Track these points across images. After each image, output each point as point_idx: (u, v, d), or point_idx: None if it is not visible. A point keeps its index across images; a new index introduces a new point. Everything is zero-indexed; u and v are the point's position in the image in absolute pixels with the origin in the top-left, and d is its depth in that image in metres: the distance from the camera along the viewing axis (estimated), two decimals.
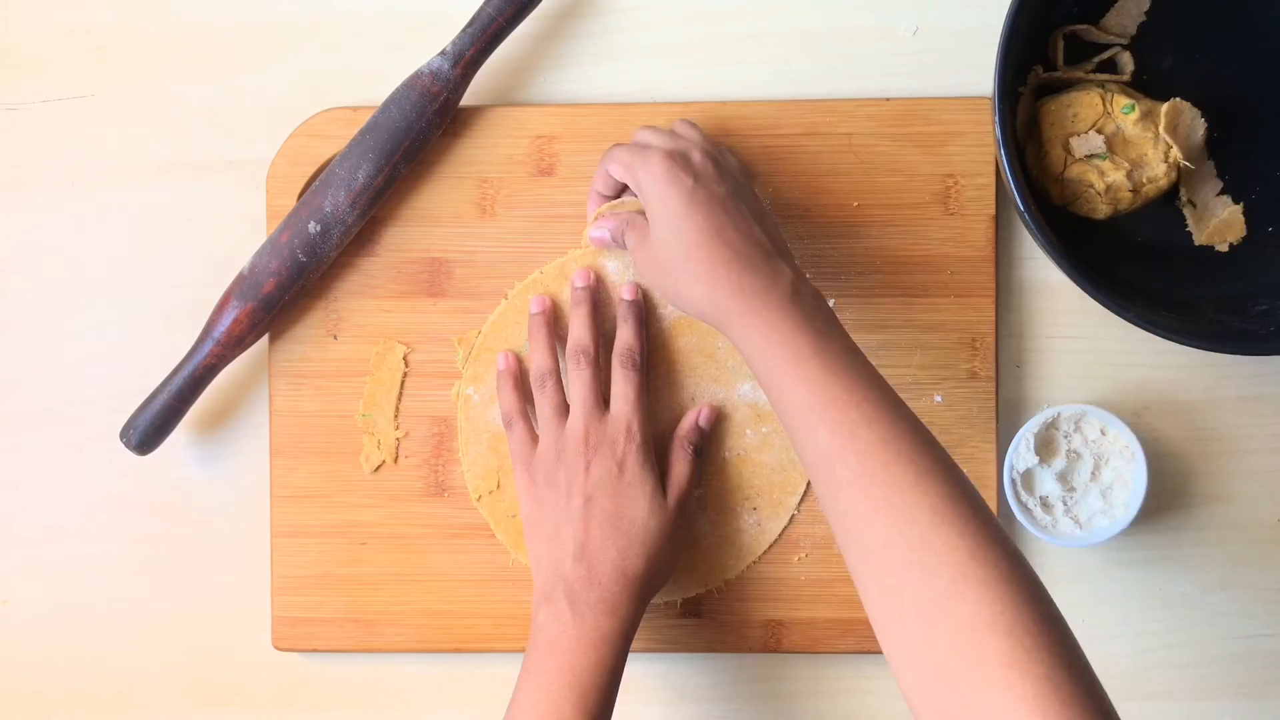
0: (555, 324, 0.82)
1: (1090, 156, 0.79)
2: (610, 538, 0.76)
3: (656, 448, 0.81)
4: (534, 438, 0.80)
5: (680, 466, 0.80)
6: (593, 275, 0.82)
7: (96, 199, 0.87)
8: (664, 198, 0.72)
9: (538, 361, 0.81)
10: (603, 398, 0.80)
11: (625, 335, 0.81)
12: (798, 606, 0.83)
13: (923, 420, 0.83)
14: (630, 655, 0.84)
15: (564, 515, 0.77)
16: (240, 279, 0.82)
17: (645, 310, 0.82)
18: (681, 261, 0.72)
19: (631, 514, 0.77)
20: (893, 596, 0.62)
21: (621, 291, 0.82)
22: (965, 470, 0.82)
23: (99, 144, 0.87)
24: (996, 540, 0.61)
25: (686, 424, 0.82)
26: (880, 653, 0.83)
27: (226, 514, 0.87)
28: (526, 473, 0.80)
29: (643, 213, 0.77)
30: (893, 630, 0.62)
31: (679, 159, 0.73)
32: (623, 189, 0.80)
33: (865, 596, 0.64)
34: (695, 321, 0.83)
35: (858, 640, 0.83)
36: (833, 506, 0.65)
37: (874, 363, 0.81)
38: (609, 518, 0.77)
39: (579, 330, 0.81)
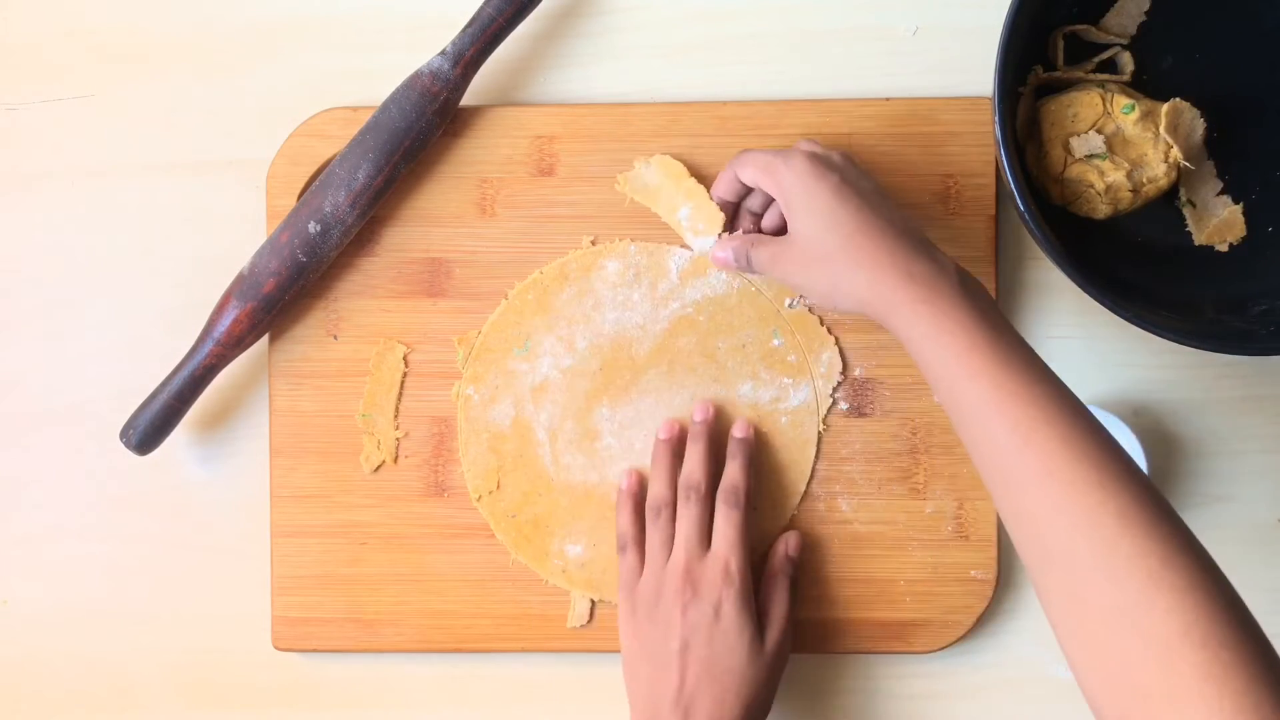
0: (680, 454, 0.82)
1: (1090, 156, 0.79)
2: (706, 686, 0.75)
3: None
4: (642, 566, 0.80)
5: (779, 605, 0.80)
6: (711, 409, 0.82)
7: (96, 199, 0.87)
8: (812, 192, 0.71)
9: (656, 491, 0.81)
10: (708, 534, 0.79)
11: (732, 472, 0.81)
12: (798, 606, 0.83)
13: (924, 420, 0.84)
14: None
15: (661, 655, 0.77)
16: (240, 279, 0.82)
17: (755, 448, 0.82)
18: (840, 252, 0.70)
19: (728, 662, 0.76)
20: (1077, 602, 0.59)
21: (734, 429, 0.82)
22: (965, 470, 0.83)
23: (99, 144, 0.87)
24: (1188, 546, 0.59)
25: (778, 556, 0.82)
26: (880, 652, 0.83)
27: (226, 514, 0.87)
28: (629, 601, 0.80)
29: (757, 230, 0.78)
30: (1077, 635, 0.59)
31: (820, 158, 0.73)
32: (746, 195, 0.79)
33: (1045, 599, 0.61)
34: (695, 321, 0.83)
35: (858, 640, 0.83)
36: (1011, 507, 0.63)
37: (874, 362, 0.82)
38: (705, 665, 0.76)
39: (693, 465, 0.81)
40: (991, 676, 0.85)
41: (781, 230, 0.77)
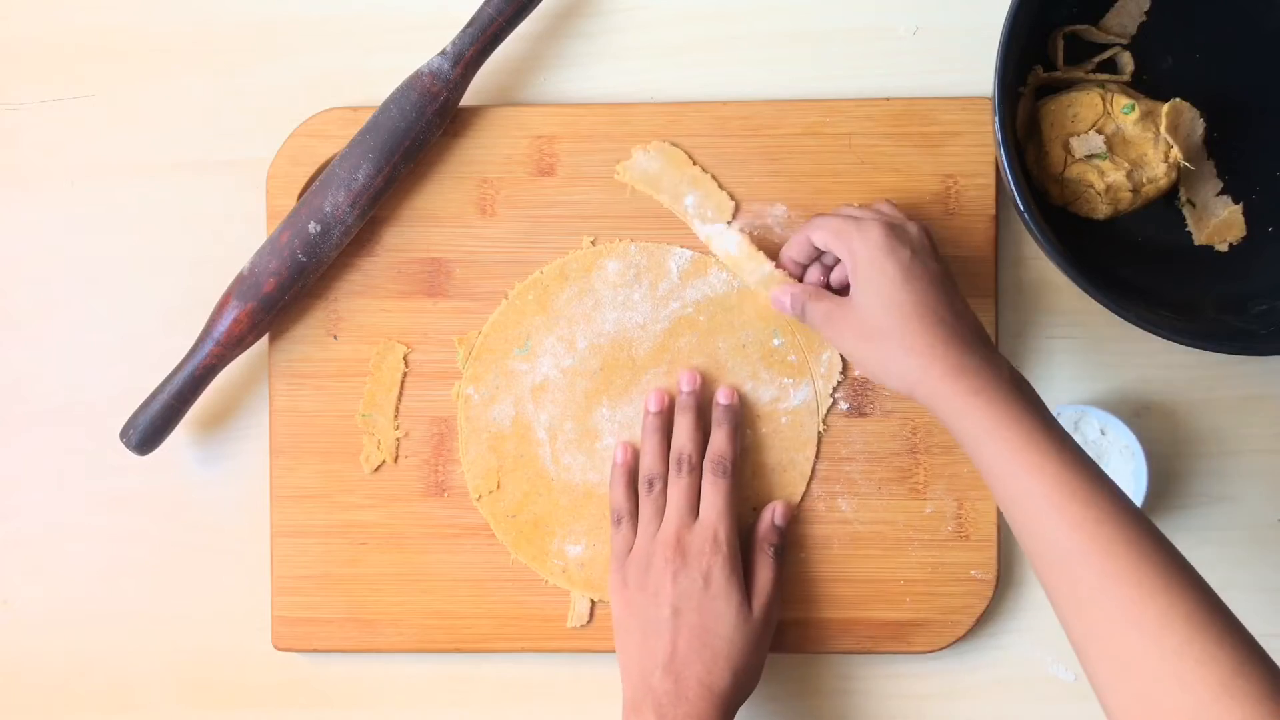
0: (669, 426, 0.82)
1: (1090, 156, 0.79)
2: (696, 652, 0.76)
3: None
4: (634, 538, 0.81)
5: (764, 572, 0.80)
6: (698, 379, 0.82)
7: (96, 199, 0.87)
8: (880, 266, 0.72)
9: (647, 464, 0.82)
10: (698, 503, 0.80)
11: (718, 441, 0.81)
12: (798, 606, 0.83)
13: (924, 420, 0.84)
14: None
15: (652, 624, 0.77)
16: (240, 279, 0.81)
17: (741, 415, 0.83)
18: (895, 333, 0.71)
19: (717, 628, 0.77)
20: (1145, 705, 0.59)
21: (718, 395, 0.82)
22: (965, 470, 0.83)
23: (99, 144, 0.87)
24: (1258, 652, 0.59)
25: (764, 525, 0.82)
26: (880, 652, 0.83)
27: (226, 514, 0.87)
28: (620, 572, 0.80)
29: (828, 286, 0.78)
30: None
31: (896, 230, 0.73)
32: (818, 257, 0.79)
33: (1109, 699, 0.61)
34: (695, 321, 0.83)
35: (857, 640, 0.83)
36: (1071, 606, 0.63)
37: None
38: (695, 632, 0.77)
39: (682, 436, 0.81)
40: (991, 676, 0.85)
41: (845, 290, 0.78)
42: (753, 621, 0.78)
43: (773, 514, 0.82)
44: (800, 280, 0.80)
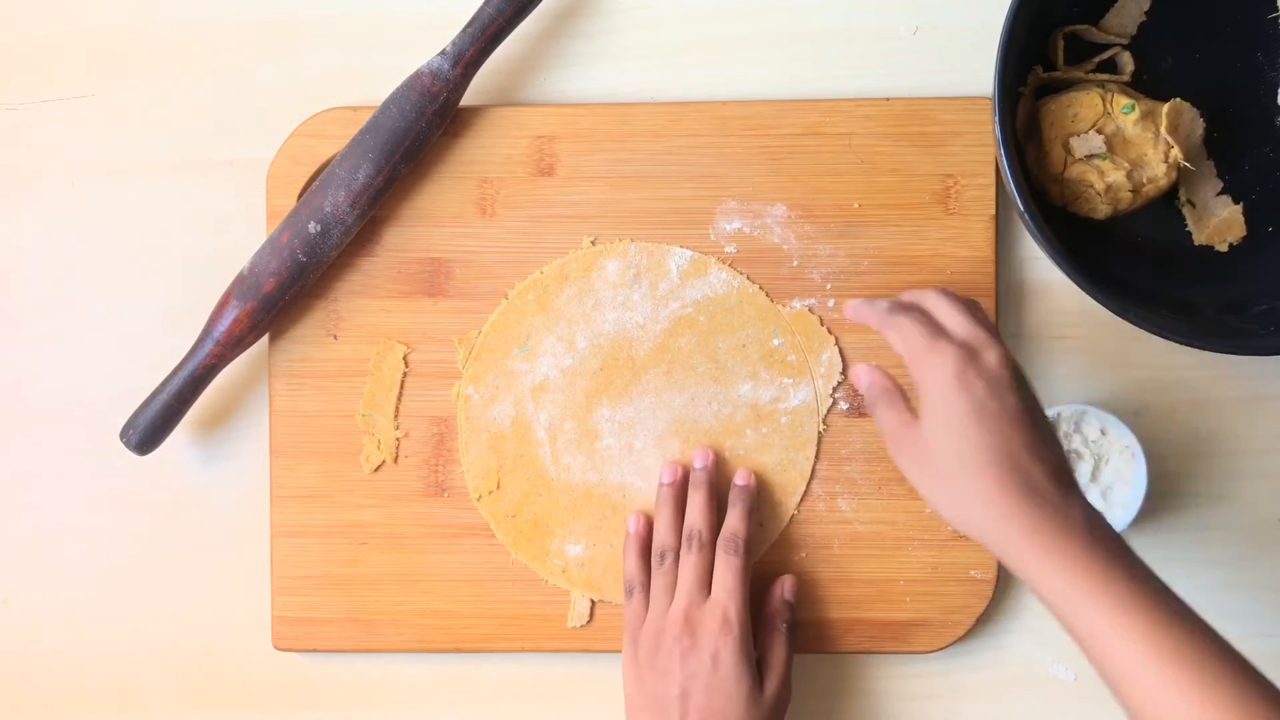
0: (682, 498, 0.82)
1: (1090, 156, 0.79)
2: None
3: (665, 449, 0.82)
4: (646, 611, 0.80)
5: (777, 651, 0.79)
6: (711, 456, 0.82)
7: (96, 199, 0.87)
8: (950, 403, 0.67)
9: (660, 537, 0.81)
10: (709, 581, 0.79)
11: (732, 520, 0.81)
12: (799, 606, 0.83)
13: None
14: None
15: (661, 703, 0.76)
16: (240, 279, 0.82)
17: (757, 497, 0.82)
18: (961, 479, 0.67)
19: (726, 710, 0.75)
20: None
21: (736, 477, 0.82)
22: None
23: (99, 144, 0.87)
24: None
25: (775, 602, 0.81)
26: (880, 652, 0.83)
27: (226, 514, 0.87)
28: (632, 646, 0.79)
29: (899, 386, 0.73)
30: None
31: (972, 359, 0.68)
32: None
33: None
34: (695, 321, 0.83)
35: (858, 640, 0.83)
36: None
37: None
38: (703, 714, 0.75)
39: (695, 513, 0.81)
40: (991, 676, 0.85)
41: None
42: (764, 703, 0.77)
43: (782, 589, 0.82)
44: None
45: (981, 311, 0.73)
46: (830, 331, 0.83)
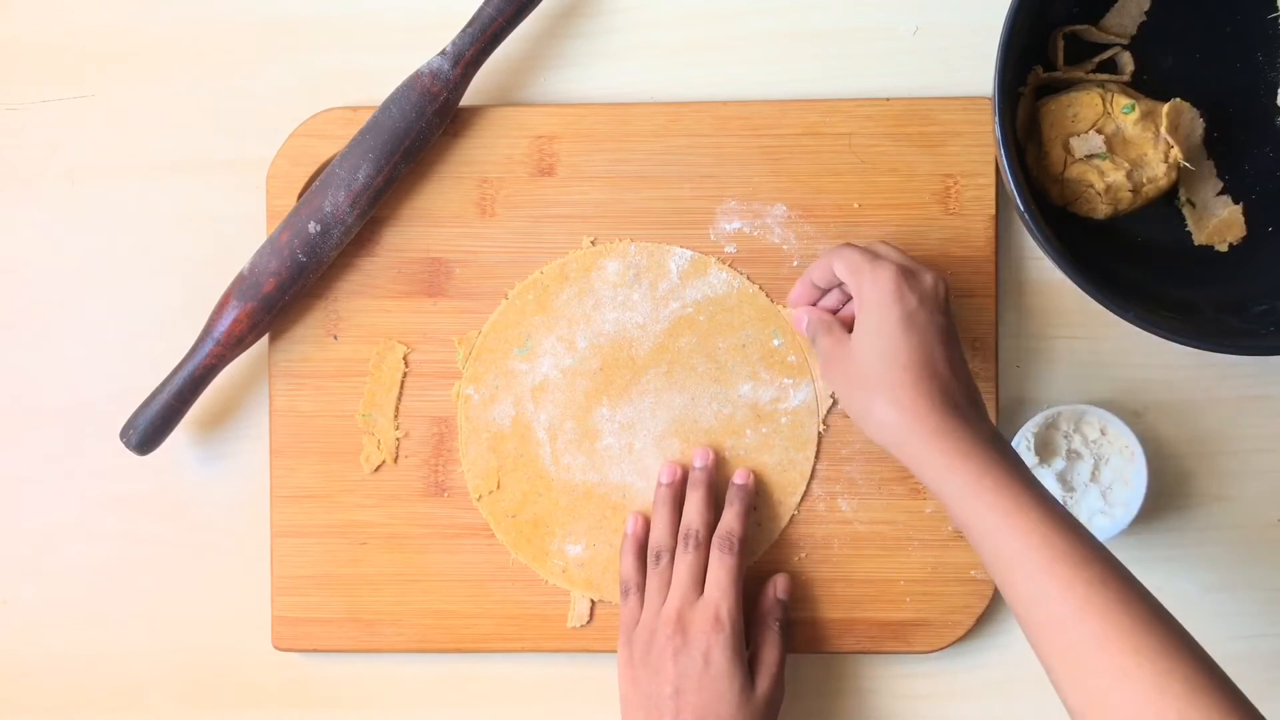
0: (680, 500, 0.82)
1: (1090, 156, 0.79)
2: None
3: (665, 449, 0.82)
4: (642, 610, 0.80)
5: (769, 650, 0.79)
6: (711, 456, 0.82)
7: (96, 199, 0.87)
8: (884, 310, 0.71)
9: (657, 536, 0.81)
10: (703, 580, 0.79)
11: (728, 518, 0.81)
12: (798, 606, 0.83)
13: None
14: None
15: (653, 701, 0.77)
16: (240, 279, 0.82)
17: (756, 497, 0.82)
18: (882, 382, 0.70)
19: (718, 709, 0.75)
20: None
21: (735, 476, 0.82)
22: None
23: (99, 144, 0.87)
24: (1249, 711, 0.60)
25: (767, 601, 0.81)
26: (881, 652, 0.83)
27: (226, 514, 0.87)
28: (626, 647, 0.80)
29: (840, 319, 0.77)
30: None
31: (909, 276, 0.72)
32: (838, 285, 0.78)
33: None
34: (695, 321, 0.83)
35: (858, 640, 0.83)
36: (1066, 669, 0.63)
37: None
38: (695, 712, 0.75)
39: (692, 512, 0.81)
40: (991, 676, 0.85)
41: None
42: (755, 701, 0.77)
43: (774, 588, 0.82)
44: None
45: (901, 251, 0.76)
46: None
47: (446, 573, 0.84)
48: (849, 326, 0.76)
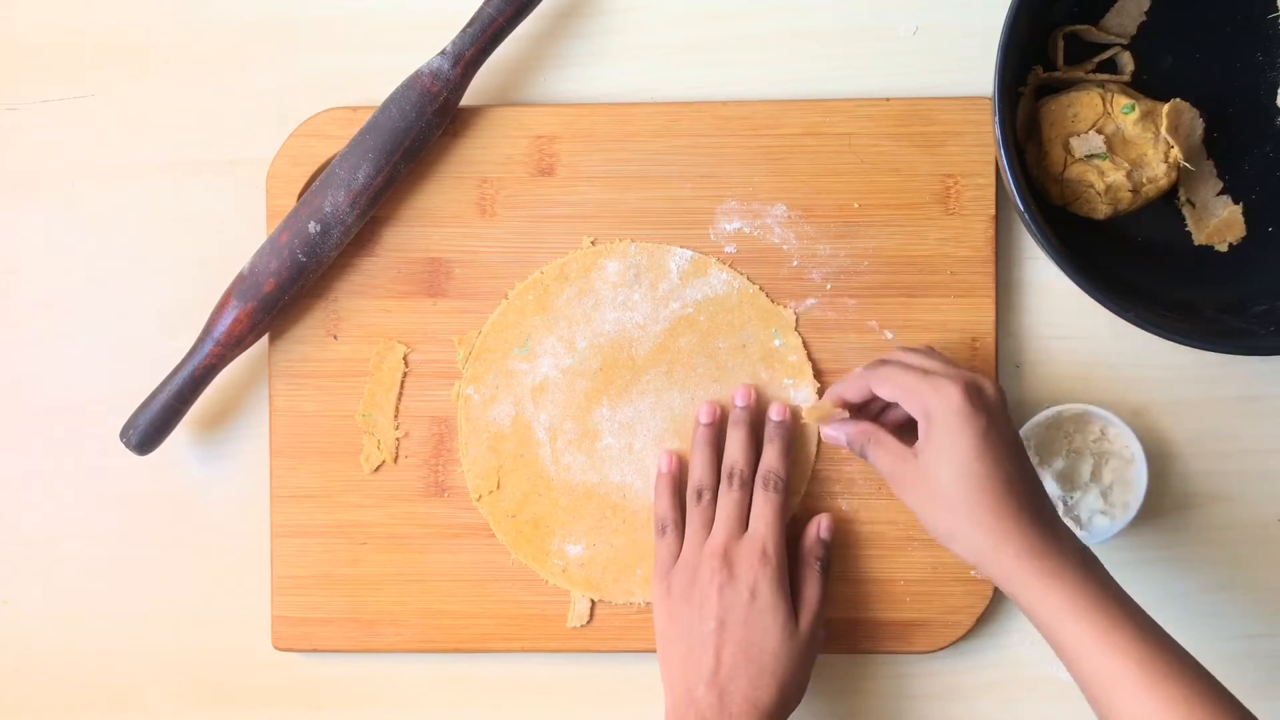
0: (720, 440, 0.82)
1: (1090, 156, 0.79)
2: (742, 666, 0.75)
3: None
4: (679, 548, 0.80)
5: (811, 588, 0.80)
6: (753, 394, 0.82)
7: (96, 199, 0.87)
8: (956, 433, 0.70)
9: (697, 475, 0.81)
10: (747, 518, 0.80)
11: (770, 457, 0.81)
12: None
13: None
14: (633, 654, 0.84)
15: (696, 635, 0.77)
16: (240, 279, 0.82)
17: (792, 430, 0.82)
18: (966, 506, 0.70)
19: (763, 643, 0.76)
20: None
21: (771, 411, 0.82)
22: None
23: (99, 144, 0.87)
24: None
25: (810, 539, 0.82)
26: (881, 652, 0.83)
27: (226, 514, 0.87)
28: (664, 582, 0.80)
29: (876, 421, 0.77)
30: None
31: (973, 392, 0.71)
32: (873, 402, 0.77)
33: None
34: (696, 321, 0.83)
35: (858, 640, 0.83)
36: None
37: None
38: (740, 645, 0.76)
39: (735, 450, 0.81)
40: (991, 676, 0.85)
41: (904, 428, 0.76)
42: (799, 636, 0.77)
43: (818, 528, 0.82)
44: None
45: (941, 357, 0.76)
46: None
47: (446, 573, 0.84)
48: (896, 433, 0.76)
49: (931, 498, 0.71)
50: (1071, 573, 0.68)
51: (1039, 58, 0.81)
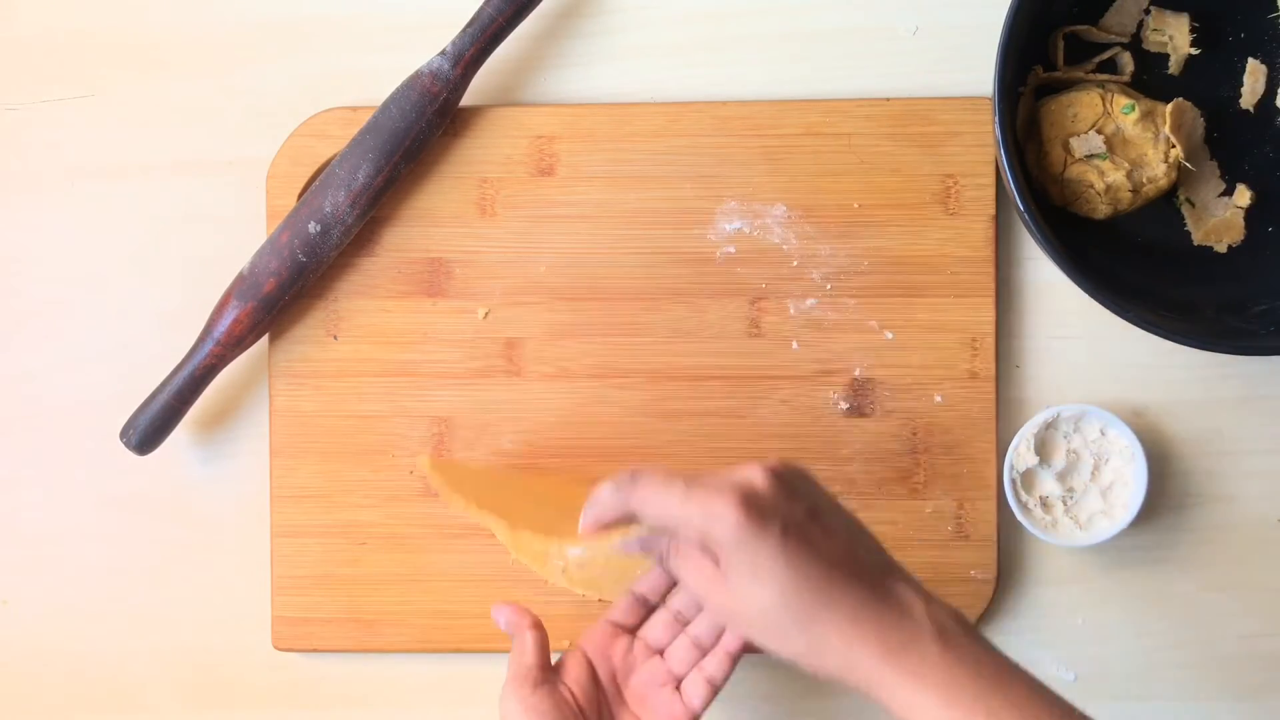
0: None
1: (1090, 156, 0.79)
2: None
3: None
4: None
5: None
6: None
7: (96, 199, 0.87)
8: (754, 554, 0.59)
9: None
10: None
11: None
12: None
13: (924, 421, 0.83)
14: None
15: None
16: (240, 279, 0.82)
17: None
18: (797, 626, 0.60)
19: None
20: None
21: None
22: (965, 470, 0.83)
23: (99, 144, 0.87)
24: None
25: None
26: None
27: (226, 514, 0.87)
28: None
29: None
30: None
31: (751, 501, 0.60)
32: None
33: None
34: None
35: None
36: None
37: (874, 362, 0.82)
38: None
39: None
40: None
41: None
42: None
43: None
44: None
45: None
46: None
47: (446, 573, 0.84)
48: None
49: (764, 628, 0.61)
50: (931, 657, 0.59)
51: (1039, 58, 0.81)
